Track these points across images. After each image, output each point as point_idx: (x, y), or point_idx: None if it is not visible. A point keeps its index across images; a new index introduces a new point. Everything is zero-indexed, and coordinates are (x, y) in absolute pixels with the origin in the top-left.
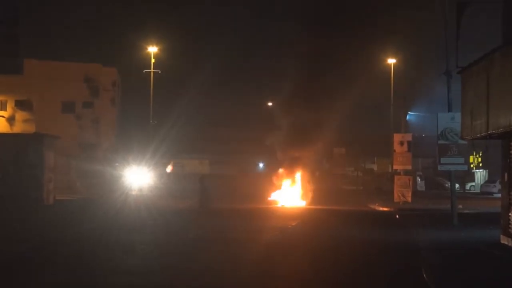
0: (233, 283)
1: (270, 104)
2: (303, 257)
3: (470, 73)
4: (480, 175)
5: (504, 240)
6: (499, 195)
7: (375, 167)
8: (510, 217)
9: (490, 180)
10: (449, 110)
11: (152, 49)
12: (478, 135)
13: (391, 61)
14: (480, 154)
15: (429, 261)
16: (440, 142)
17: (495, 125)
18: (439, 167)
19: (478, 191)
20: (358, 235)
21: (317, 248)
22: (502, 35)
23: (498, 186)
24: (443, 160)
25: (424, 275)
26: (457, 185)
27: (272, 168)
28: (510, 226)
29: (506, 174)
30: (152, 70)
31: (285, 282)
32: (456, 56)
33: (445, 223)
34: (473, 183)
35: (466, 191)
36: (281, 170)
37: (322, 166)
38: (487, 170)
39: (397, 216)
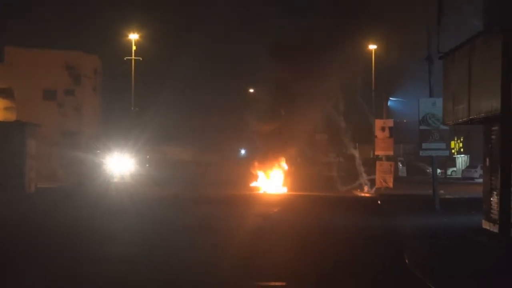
0: (218, 271)
1: (251, 90)
2: (286, 245)
3: (451, 58)
4: (462, 160)
5: (486, 225)
6: (481, 180)
7: (356, 153)
8: (492, 202)
9: (471, 166)
10: (431, 96)
11: (133, 36)
12: (460, 120)
13: (372, 47)
14: (462, 140)
15: (412, 248)
16: (422, 127)
17: (477, 111)
18: (421, 153)
19: (460, 176)
20: (341, 222)
21: (300, 236)
22: (483, 21)
23: (479, 171)
24: (424, 145)
25: (407, 261)
26: (438, 171)
27: (253, 155)
28: (492, 211)
29: (487, 159)
30: (133, 57)
31: (269, 269)
32: (437, 41)
33: (427, 208)
34: (455, 169)
35: (448, 176)
36: (262, 157)
37: (304, 152)
38: (468, 156)
39: (379, 202)
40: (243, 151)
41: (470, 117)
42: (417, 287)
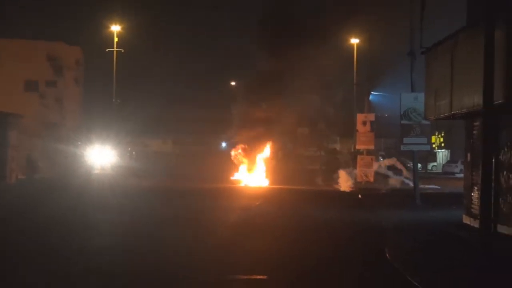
0: (199, 264)
1: (233, 83)
2: (267, 238)
3: (434, 53)
4: (442, 155)
5: (466, 220)
6: (461, 175)
7: (338, 146)
8: (472, 198)
9: (452, 160)
10: (412, 90)
11: (115, 28)
12: (442, 115)
13: (354, 41)
14: (442, 134)
15: (395, 244)
16: (403, 122)
17: (459, 106)
18: (402, 147)
19: (440, 171)
20: (322, 215)
21: (281, 230)
22: (467, 16)
23: (460, 166)
24: (406, 140)
25: (390, 257)
26: (419, 165)
27: (235, 148)
28: (473, 206)
29: (469, 155)
30: (115, 49)
31: (251, 263)
32: (420, 36)
33: (408, 203)
34: (435, 163)
35: (428, 171)
36: (244, 150)
37: (285, 146)
38: (449, 150)
39: (359, 196)
40: (224, 144)
41: (452, 112)
42: (401, 283)
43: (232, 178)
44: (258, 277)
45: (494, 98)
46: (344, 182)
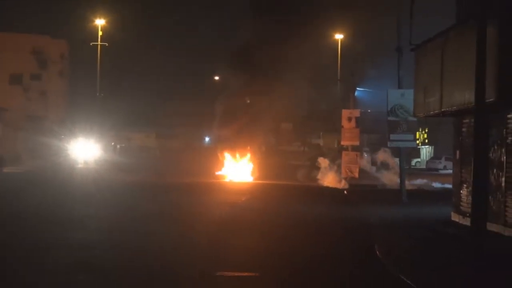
0: (188, 260)
1: (216, 78)
2: (255, 234)
3: (423, 50)
4: (426, 151)
5: (455, 217)
6: (445, 171)
7: (321, 142)
8: (462, 195)
9: (435, 157)
10: (399, 87)
11: (100, 22)
12: (432, 112)
13: (338, 36)
14: (426, 131)
15: (385, 242)
16: (390, 118)
17: (449, 103)
18: (389, 144)
19: (424, 167)
20: (310, 212)
21: (269, 226)
22: (456, 14)
23: (444, 162)
24: (392, 136)
25: (380, 255)
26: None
27: (218, 142)
28: (462, 204)
29: (458, 152)
30: (99, 42)
31: (240, 260)
32: (410, 33)
33: (394, 200)
34: (419, 159)
35: (412, 167)
36: (228, 145)
37: (268, 141)
38: (432, 147)
39: (345, 192)
40: (207, 139)
41: (442, 110)
42: (393, 282)
43: (217, 173)
44: (250, 274)
45: (486, 96)
46: (329, 178)
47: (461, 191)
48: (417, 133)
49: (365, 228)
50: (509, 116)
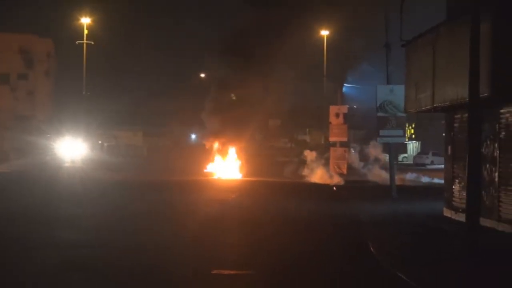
0: (179, 259)
1: (203, 75)
2: (246, 232)
3: (414, 46)
4: (413, 146)
5: (447, 213)
6: (432, 166)
7: (307, 138)
8: (454, 190)
9: (422, 152)
10: (388, 83)
11: (85, 20)
12: (423, 108)
13: (324, 33)
14: (413, 126)
15: (379, 238)
16: (379, 114)
17: (441, 99)
18: (378, 140)
19: (411, 162)
20: (301, 209)
21: (261, 224)
22: (446, 8)
23: (431, 157)
24: (382, 132)
25: (372, 250)
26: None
27: (205, 140)
28: (454, 199)
29: (449, 147)
30: (85, 41)
31: (233, 258)
32: (400, 29)
33: (384, 196)
34: (406, 155)
35: (399, 162)
36: (216, 142)
37: (256, 138)
38: (419, 142)
39: (334, 189)
40: (193, 136)
41: (434, 105)
42: (388, 278)
43: (205, 170)
44: (244, 272)
45: (480, 91)
46: (317, 174)
47: (453, 187)
48: None
49: (356, 224)
50: (502, 111)
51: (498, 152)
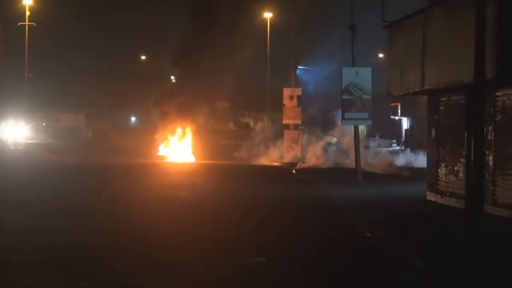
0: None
1: (143, 57)
2: (217, 219)
3: (399, 28)
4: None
5: (431, 196)
6: (376, 149)
7: (251, 121)
8: (439, 174)
9: (369, 134)
10: (353, 65)
11: (27, 1)
12: (411, 90)
13: (268, 15)
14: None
15: (362, 222)
16: (344, 97)
17: (433, 81)
18: (343, 122)
19: None
20: (269, 193)
21: (235, 208)
22: None
23: (378, 140)
24: (347, 115)
25: (368, 235)
26: (334, 139)
27: (149, 122)
28: (439, 183)
29: (433, 130)
30: (27, 22)
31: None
32: (382, 10)
33: (347, 178)
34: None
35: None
36: (166, 125)
37: (205, 120)
38: (364, 125)
39: (293, 171)
40: (133, 119)
41: (424, 88)
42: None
43: (158, 153)
44: (256, 259)
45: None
46: (272, 156)
47: (439, 170)
48: None
49: (332, 208)
50: (497, 93)
51: (493, 135)
